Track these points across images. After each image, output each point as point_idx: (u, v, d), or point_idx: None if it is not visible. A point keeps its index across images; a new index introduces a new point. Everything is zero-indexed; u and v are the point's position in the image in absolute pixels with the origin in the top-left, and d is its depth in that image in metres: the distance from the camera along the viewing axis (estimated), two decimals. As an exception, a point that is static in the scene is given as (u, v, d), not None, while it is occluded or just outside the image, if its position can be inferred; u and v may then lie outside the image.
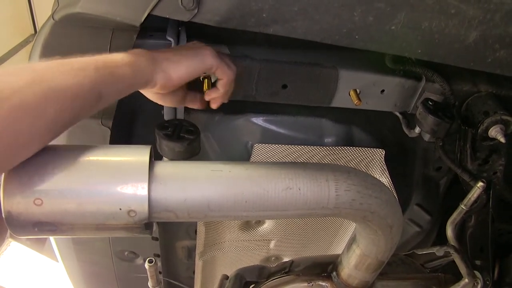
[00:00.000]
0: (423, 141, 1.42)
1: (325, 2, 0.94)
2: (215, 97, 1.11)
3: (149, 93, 1.04)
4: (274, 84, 1.25)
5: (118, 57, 0.82)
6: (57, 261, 1.83)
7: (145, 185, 0.74)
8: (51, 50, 1.09)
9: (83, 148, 0.79)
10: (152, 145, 0.85)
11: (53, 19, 1.05)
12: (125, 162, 0.76)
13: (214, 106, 1.14)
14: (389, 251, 1.07)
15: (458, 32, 0.98)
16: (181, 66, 0.94)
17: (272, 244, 1.85)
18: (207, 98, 1.12)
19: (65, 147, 0.79)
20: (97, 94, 0.76)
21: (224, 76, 1.05)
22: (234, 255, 1.86)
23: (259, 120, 1.44)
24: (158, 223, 1.59)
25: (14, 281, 4.21)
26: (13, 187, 0.70)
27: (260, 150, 1.41)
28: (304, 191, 0.82)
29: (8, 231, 0.76)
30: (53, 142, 0.77)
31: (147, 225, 0.78)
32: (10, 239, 4.15)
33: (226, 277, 1.32)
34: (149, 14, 0.97)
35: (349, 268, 1.14)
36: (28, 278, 4.25)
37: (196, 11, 0.95)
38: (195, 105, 1.16)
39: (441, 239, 1.62)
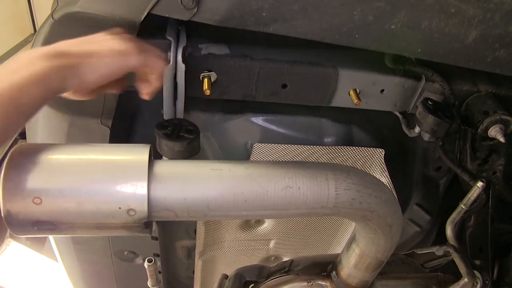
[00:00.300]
0: (422, 141, 1.42)
1: (325, 1, 0.94)
2: (150, 92, 0.97)
3: None
4: (273, 83, 1.25)
5: (25, 75, 0.67)
6: (57, 261, 1.83)
7: (145, 184, 0.74)
8: (50, 49, 1.08)
9: (83, 147, 0.79)
10: (152, 144, 0.85)
11: (52, 18, 1.05)
12: (124, 161, 0.76)
13: (146, 97, 0.99)
14: (389, 251, 1.07)
15: (458, 32, 0.98)
16: (98, 69, 0.80)
17: (271, 244, 1.85)
18: (144, 94, 0.97)
19: (65, 145, 0.79)
20: (4, 134, 0.66)
21: (155, 70, 0.91)
22: (234, 254, 1.85)
23: (258, 120, 1.44)
24: (157, 222, 1.59)
25: (14, 281, 4.21)
26: (12, 186, 0.70)
27: (260, 150, 1.41)
28: (304, 190, 0.82)
29: (8, 230, 0.76)
30: (52, 141, 0.77)
31: (147, 224, 0.77)
32: (9, 239, 4.15)
33: (225, 277, 1.32)
34: (148, 13, 0.98)
35: (349, 267, 1.14)
36: (28, 278, 4.25)
37: (195, 10, 0.95)
38: (113, 90, 0.99)
39: (441, 239, 1.62)
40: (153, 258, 1.35)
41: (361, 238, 1.07)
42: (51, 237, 1.73)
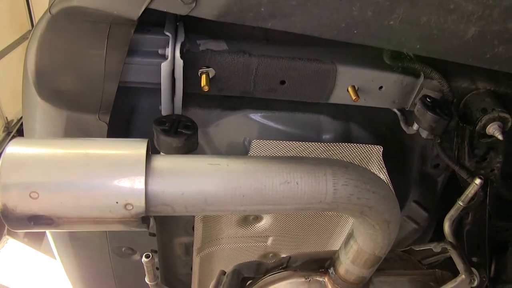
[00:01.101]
0: (421, 138, 1.42)
1: (323, -3, 0.93)
2: None
3: None
4: (272, 80, 1.24)
5: None
6: (55, 258, 1.82)
7: (142, 179, 0.74)
8: (48, 44, 1.08)
9: (80, 141, 0.78)
10: (150, 140, 0.85)
11: (50, 13, 1.04)
12: (122, 155, 0.76)
13: None
14: (387, 247, 1.07)
15: (457, 28, 0.98)
16: None
17: (269, 241, 1.85)
18: None
19: (62, 140, 0.79)
20: None
21: None
22: (232, 251, 1.85)
23: (257, 116, 1.44)
24: (155, 219, 1.59)
25: (12, 278, 4.21)
26: (9, 180, 0.70)
27: (258, 146, 1.40)
28: (302, 185, 0.82)
29: (6, 228, 0.76)
30: (49, 137, 0.77)
31: (144, 219, 0.77)
32: (7, 236, 4.14)
33: (223, 273, 1.32)
34: (146, 8, 0.97)
35: (347, 263, 1.14)
36: (26, 275, 4.24)
37: (194, 5, 0.95)
38: None
39: (439, 236, 1.63)
40: (150, 254, 1.34)
41: (359, 234, 1.07)
42: (48, 234, 1.73)
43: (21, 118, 4.50)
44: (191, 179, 0.78)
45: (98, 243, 1.67)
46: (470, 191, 1.30)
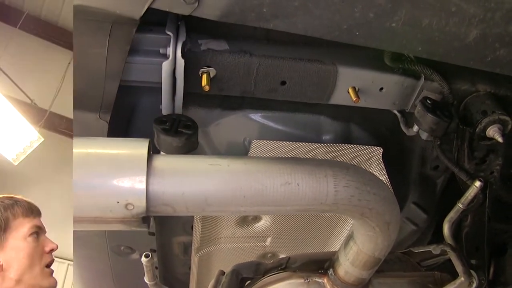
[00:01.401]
0: (421, 140, 1.42)
1: (326, -2, 0.93)
2: None
3: None
4: (273, 80, 1.24)
5: None
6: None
7: (143, 179, 0.74)
8: (49, 42, 1.08)
9: (81, 141, 0.78)
10: (151, 140, 0.85)
11: (51, 11, 1.04)
12: (123, 155, 0.76)
13: None
14: (386, 248, 1.07)
15: (458, 30, 0.98)
16: None
17: (268, 241, 1.85)
18: None
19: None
20: None
21: None
22: (231, 251, 1.85)
23: (257, 117, 1.44)
24: (154, 218, 1.59)
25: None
26: (10, 178, 0.70)
27: (258, 147, 1.40)
28: (303, 187, 0.82)
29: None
30: (51, 134, 0.77)
31: (145, 219, 0.77)
32: (5, 234, 4.12)
33: (222, 273, 1.32)
34: (148, 8, 0.97)
35: (346, 265, 1.14)
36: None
37: (196, 5, 0.95)
38: None
39: (438, 238, 1.63)
40: (150, 253, 1.34)
41: (359, 235, 1.07)
42: (47, 232, 1.73)
43: (21, 115, 4.49)
44: (191, 179, 0.78)
45: (97, 242, 1.67)
46: (470, 193, 1.31)
